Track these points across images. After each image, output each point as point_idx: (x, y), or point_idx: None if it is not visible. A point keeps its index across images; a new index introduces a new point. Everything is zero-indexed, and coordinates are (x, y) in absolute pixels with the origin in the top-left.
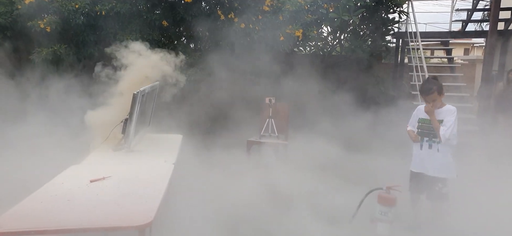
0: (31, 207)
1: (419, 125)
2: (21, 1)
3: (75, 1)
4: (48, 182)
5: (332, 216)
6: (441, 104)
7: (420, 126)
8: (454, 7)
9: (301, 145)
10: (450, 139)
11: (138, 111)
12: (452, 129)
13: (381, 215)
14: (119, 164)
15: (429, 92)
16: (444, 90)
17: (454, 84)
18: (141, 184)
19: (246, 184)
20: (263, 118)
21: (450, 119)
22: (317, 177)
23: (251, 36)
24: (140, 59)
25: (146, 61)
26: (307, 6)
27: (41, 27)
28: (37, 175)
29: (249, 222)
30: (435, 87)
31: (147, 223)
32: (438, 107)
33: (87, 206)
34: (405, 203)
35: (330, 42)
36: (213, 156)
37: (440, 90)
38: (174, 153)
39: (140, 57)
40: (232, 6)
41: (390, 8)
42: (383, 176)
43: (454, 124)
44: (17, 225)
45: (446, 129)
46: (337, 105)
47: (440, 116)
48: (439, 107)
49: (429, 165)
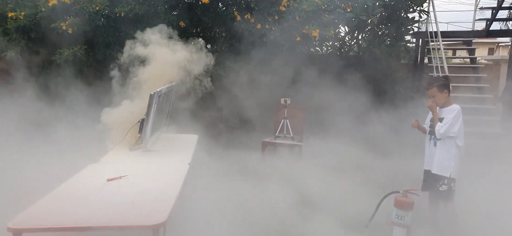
0: (50, 205)
1: (430, 124)
2: (45, 3)
3: (95, 3)
4: (66, 181)
5: (348, 220)
6: (446, 103)
7: (430, 125)
8: (478, 5)
9: (317, 146)
10: (445, 135)
11: (154, 112)
12: (449, 125)
13: (398, 218)
14: (135, 163)
15: (428, 87)
16: (450, 90)
17: (478, 85)
18: (156, 183)
19: (260, 185)
20: (278, 118)
21: (449, 117)
22: (332, 179)
23: (267, 36)
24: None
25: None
26: (324, 6)
27: (63, 29)
28: (57, 174)
29: (263, 223)
30: (435, 83)
31: (161, 222)
32: (443, 106)
33: (103, 204)
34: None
35: (347, 43)
36: (226, 157)
37: (442, 87)
38: (189, 153)
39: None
40: (248, 6)
41: (410, 7)
42: (401, 178)
43: (452, 121)
44: (36, 222)
45: (442, 125)
46: (354, 107)
47: (442, 115)
48: (444, 106)
49: (432, 162)
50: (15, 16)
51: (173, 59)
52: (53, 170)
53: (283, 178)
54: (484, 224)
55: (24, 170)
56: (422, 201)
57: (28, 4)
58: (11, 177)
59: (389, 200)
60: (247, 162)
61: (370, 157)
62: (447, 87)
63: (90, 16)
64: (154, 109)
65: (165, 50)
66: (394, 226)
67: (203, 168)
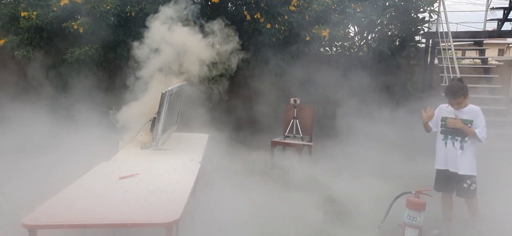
0: (63, 202)
1: (442, 123)
2: (57, 3)
3: (106, 3)
4: (79, 178)
5: (359, 220)
6: (464, 105)
7: (443, 124)
8: (489, 5)
9: (326, 146)
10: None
11: (166, 110)
12: (485, 127)
13: (410, 219)
14: (147, 162)
15: (456, 95)
16: (473, 92)
17: (488, 86)
18: (168, 181)
19: (269, 184)
20: (287, 118)
21: (480, 120)
22: (343, 178)
23: (277, 36)
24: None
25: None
26: (334, 5)
27: (74, 28)
28: (69, 172)
29: (272, 223)
30: (461, 91)
31: (174, 220)
32: (462, 107)
33: (116, 202)
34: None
35: (357, 43)
36: (236, 156)
37: (466, 93)
38: (200, 151)
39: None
40: (258, 6)
41: (420, 7)
42: (412, 178)
43: (484, 122)
44: (50, 219)
45: (481, 130)
46: (363, 107)
47: (464, 116)
48: (462, 107)
49: (454, 162)
50: (27, 16)
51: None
52: (69, 168)
53: (292, 177)
54: (499, 226)
55: (40, 169)
56: (433, 201)
57: (41, 4)
58: (27, 176)
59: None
60: (255, 161)
61: (380, 157)
62: (468, 90)
63: (101, 15)
64: (165, 108)
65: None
66: (406, 227)
67: (212, 166)
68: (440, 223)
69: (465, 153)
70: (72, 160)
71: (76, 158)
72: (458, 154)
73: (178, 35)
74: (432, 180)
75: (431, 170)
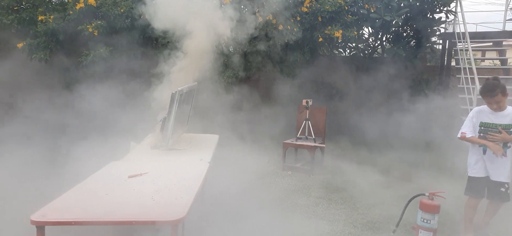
0: (72, 199)
1: (481, 129)
2: (73, 6)
3: (120, 6)
4: (89, 176)
5: (374, 223)
6: (504, 106)
7: (482, 130)
8: (509, 5)
9: (339, 148)
10: None
11: (176, 111)
12: None
13: (423, 222)
14: (156, 161)
15: (493, 92)
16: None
17: (509, 88)
18: (176, 180)
19: (279, 185)
20: (299, 120)
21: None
22: (355, 181)
23: (289, 37)
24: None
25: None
26: (347, 6)
27: (90, 31)
28: (82, 169)
29: (282, 225)
30: (498, 88)
31: (180, 218)
32: (502, 110)
33: (123, 200)
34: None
35: (371, 44)
36: (245, 158)
37: (504, 91)
38: (210, 151)
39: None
40: (270, 7)
41: (436, 7)
42: (425, 181)
43: None
44: (59, 215)
45: None
46: (378, 110)
47: (505, 120)
48: (502, 109)
49: (496, 170)
50: (44, 19)
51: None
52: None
53: (303, 178)
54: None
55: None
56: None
57: (57, 8)
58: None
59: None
60: (267, 163)
61: (394, 159)
62: (506, 89)
63: (115, 18)
64: (175, 108)
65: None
66: (420, 229)
67: (222, 166)
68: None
69: (506, 159)
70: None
71: (89, 156)
72: (501, 161)
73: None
74: (447, 182)
75: (449, 174)
